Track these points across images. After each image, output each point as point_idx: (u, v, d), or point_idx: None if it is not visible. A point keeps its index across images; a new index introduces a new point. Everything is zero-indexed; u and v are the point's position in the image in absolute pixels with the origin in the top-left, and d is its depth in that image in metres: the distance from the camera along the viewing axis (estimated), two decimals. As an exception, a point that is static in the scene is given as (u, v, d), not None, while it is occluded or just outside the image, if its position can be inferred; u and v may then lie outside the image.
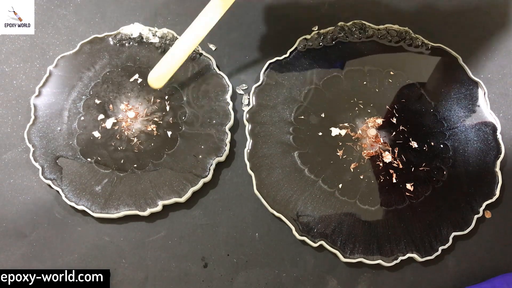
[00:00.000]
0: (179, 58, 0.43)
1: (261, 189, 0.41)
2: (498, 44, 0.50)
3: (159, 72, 0.43)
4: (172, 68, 0.43)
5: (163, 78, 0.43)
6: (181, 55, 0.43)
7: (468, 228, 0.40)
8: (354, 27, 0.49)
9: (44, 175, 0.42)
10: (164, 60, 0.43)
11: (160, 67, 0.43)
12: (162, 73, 0.43)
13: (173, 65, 0.43)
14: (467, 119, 0.44)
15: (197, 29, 0.43)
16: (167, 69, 0.43)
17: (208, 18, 0.43)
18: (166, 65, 0.43)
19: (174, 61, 0.43)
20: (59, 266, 0.39)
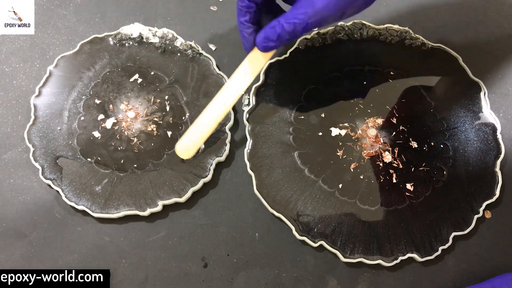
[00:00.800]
0: (206, 129, 0.41)
1: (261, 189, 0.41)
2: (498, 44, 0.50)
3: (186, 144, 0.41)
4: (199, 140, 0.42)
5: (190, 150, 0.41)
6: (209, 127, 0.41)
7: (468, 228, 0.40)
8: (354, 27, 0.49)
9: (44, 175, 0.42)
10: (192, 131, 0.41)
11: (188, 139, 0.41)
12: (189, 145, 0.41)
13: (201, 136, 0.41)
14: (467, 119, 0.44)
15: (226, 97, 0.41)
16: (194, 141, 0.41)
17: (237, 86, 0.41)
18: (193, 136, 0.41)
19: (201, 133, 0.41)
20: (59, 266, 0.39)
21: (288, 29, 0.36)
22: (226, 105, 0.41)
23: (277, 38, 0.36)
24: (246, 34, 0.39)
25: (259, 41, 0.38)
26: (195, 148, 0.42)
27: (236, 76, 0.41)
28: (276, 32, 0.36)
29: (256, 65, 0.41)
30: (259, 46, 0.38)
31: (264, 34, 0.37)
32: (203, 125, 0.41)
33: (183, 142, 0.41)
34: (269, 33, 0.37)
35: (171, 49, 0.48)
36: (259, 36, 0.38)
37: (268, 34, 0.37)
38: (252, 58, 0.41)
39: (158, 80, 0.47)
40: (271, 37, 0.37)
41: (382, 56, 0.48)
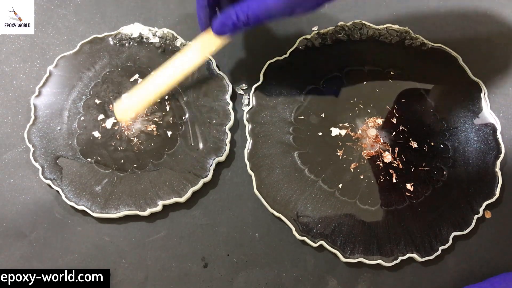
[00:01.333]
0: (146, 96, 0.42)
1: (261, 189, 0.41)
2: (498, 44, 0.50)
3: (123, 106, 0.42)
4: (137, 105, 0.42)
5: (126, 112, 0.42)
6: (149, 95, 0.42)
7: (468, 228, 0.40)
8: (354, 27, 0.49)
9: (44, 175, 0.42)
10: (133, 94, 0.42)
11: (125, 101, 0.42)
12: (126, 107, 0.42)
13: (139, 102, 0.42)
14: (467, 119, 0.44)
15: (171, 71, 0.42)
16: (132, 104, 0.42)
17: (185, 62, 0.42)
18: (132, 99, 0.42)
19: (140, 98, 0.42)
20: (59, 266, 0.39)
21: (242, 19, 0.37)
22: (170, 79, 0.42)
23: (232, 26, 0.38)
24: (202, 17, 0.41)
25: (216, 26, 0.39)
26: (131, 111, 0.42)
27: (187, 52, 0.42)
28: (231, 20, 0.38)
29: (209, 46, 0.41)
30: (214, 30, 0.40)
31: (221, 20, 0.39)
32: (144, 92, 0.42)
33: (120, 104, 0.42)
34: (225, 20, 0.38)
35: (171, 49, 0.48)
36: (216, 22, 0.39)
37: (224, 20, 0.38)
38: (206, 38, 0.41)
39: (158, 80, 0.47)
40: (226, 23, 0.38)
41: (382, 56, 0.48)
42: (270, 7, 0.36)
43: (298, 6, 0.37)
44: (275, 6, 0.36)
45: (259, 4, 0.37)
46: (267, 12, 0.37)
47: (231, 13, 0.38)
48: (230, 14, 0.38)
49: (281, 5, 0.36)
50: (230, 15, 0.38)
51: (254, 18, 0.37)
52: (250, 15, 0.37)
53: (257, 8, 0.37)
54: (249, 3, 0.37)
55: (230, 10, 0.38)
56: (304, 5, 0.37)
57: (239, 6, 0.37)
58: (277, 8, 0.36)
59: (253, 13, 0.37)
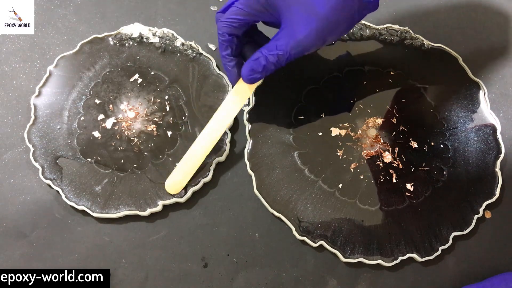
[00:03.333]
0: (195, 163, 0.41)
1: (261, 189, 0.41)
2: (498, 44, 0.50)
3: (176, 179, 0.41)
4: (189, 174, 0.41)
5: (180, 185, 0.41)
6: (198, 160, 0.41)
7: (468, 228, 0.40)
8: (354, 27, 0.49)
9: (44, 175, 0.42)
10: (181, 165, 0.41)
11: (177, 173, 0.41)
12: (178, 179, 0.41)
13: (190, 170, 0.41)
14: (467, 119, 0.44)
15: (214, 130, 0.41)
16: (183, 175, 0.41)
17: (224, 118, 0.41)
18: (182, 171, 0.41)
19: (190, 167, 0.41)
20: (59, 266, 0.39)
21: (272, 61, 0.36)
22: (214, 138, 0.41)
23: (263, 69, 0.37)
24: (230, 67, 0.39)
25: (245, 74, 0.38)
26: (184, 182, 0.41)
27: (223, 108, 0.41)
28: (261, 64, 0.37)
29: (242, 96, 0.41)
30: (245, 79, 0.38)
31: (250, 67, 0.37)
32: (192, 159, 0.41)
33: (173, 177, 0.41)
34: (254, 66, 0.37)
35: (171, 49, 0.48)
36: (245, 69, 0.38)
37: (253, 67, 0.37)
38: (238, 89, 0.41)
39: (158, 80, 0.47)
40: (256, 69, 0.37)
41: (382, 56, 0.48)
42: (301, 43, 0.34)
43: (329, 34, 0.35)
44: (305, 40, 0.34)
45: (289, 41, 0.35)
46: (298, 48, 0.35)
47: (259, 57, 0.36)
48: (259, 58, 0.36)
49: (312, 39, 0.34)
50: (259, 59, 0.36)
51: (285, 57, 0.35)
52: (281, 55, 0.35)
53: (286, 46, 0.35)
54: (278, 43, 0.35)
55: (258, 53, 0.36)
56: (335, 33, 0.35)
57: (267, 49, 0.36)
58: (308, 41, 0.34)
59: (283, 52, 0.35)
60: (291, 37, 0.35)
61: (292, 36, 0.35)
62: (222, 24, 0.37)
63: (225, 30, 0.37)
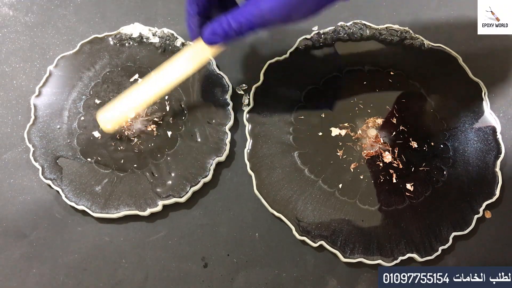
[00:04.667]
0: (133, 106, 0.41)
1: (261, 189, 0.41)
2: (498, 44, 0.50)
3: (108, 116, 0.40)
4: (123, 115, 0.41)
5: (111, 122, 0.40)
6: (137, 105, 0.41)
7: (468, 228, 0.40)
8: (354, 27, 0.49)
9: (44, 175, 0.42)
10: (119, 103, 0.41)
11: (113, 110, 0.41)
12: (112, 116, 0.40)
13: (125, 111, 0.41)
14: (467, 119, 0.44)
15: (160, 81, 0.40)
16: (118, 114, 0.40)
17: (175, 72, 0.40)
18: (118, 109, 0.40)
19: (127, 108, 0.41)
20: (59, 266, 0.39)
21: (234, 27, 0.35)
22: (158, 90, 0.40)
23: (223, 34, 0.36)
24: (192, 25, 0.39)
25: (205, 34, 0.37)
26: (116, 121, 0.41)
27: (174, 64, 0.40)
28: (222, 28, 0.36)
29: (199, 56, 0.40)
30: (204, 39, 0.38)
31: (211, 28, 0.37)
32: (131, 102, 0.40)
33: (106, 113, 0.41)
34: (215, 28, 0.36)
35: (171, 49, 0.48)
36: (206, 30, 0.37)
37: (214, 29, 0.37)
38: (196, 48, 0.40)
39: (158, 80, 0.47)
40: (217, 32, 0.36)
41: (382, 56, 0.48)
42: (264, 13, 0.34)
43: (295, 11, 0.34)
44: (270, 12, 0.34)
45: (253, 10, 0.34)
46: (261, 19, 0.34)
47: (222, 21, 0.36)
48: (221, 22, 0.36)
49: (276, 11, 0.34)
50: (221, 23, 0.36)
51: (247, 25, 0.35)
52: (243, 22, 0.35)
53: (250, 15, 0.34)
54: (242, 10, 0.35)
55: (222, 17, 0.36)
56: (301, 11, 0.35)
57: (231, 14, 0.35)
58: (273, 14, 0.34)
59: (246, 19, 0.35)
60: (256, 7, 0.34)
61: (257, 7, 0.34)
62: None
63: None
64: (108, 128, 0.41)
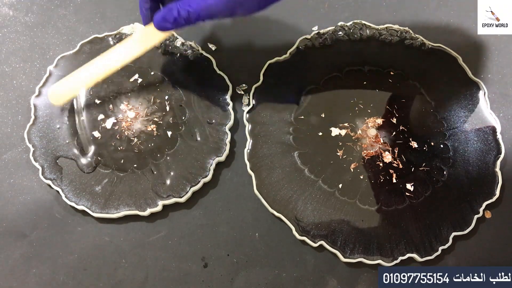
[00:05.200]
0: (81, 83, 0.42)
1: (261, 189, 0.41)
2: (498, 44, 0.50)
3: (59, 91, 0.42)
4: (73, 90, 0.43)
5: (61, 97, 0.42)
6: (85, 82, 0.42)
7: (468, 228, 0.40)
8: (354, 27, 0.49)
9: (44, 175, 0.42)
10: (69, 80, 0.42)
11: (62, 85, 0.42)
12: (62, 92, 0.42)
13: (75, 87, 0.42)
14: (467, 119, 0.44)
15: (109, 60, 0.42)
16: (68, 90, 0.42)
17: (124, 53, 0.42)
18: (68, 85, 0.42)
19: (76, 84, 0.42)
20: (59, 266, 0.39)
21: (183, 15, 0.37)
22: (108, 69, 0.42)
23: (173, 21, 0.38)
24: (144, 10, 0.41)
25: (157, 20, 0.39)
26: (65, 96, 0.42)
27: (125, 45, 0.42)
28: (172, 15, 0.38)
29: (149, 40, 0.41)
30: (155, 24, 0.39)
31: (162, 15, 0.39)
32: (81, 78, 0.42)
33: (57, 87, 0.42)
34: (166, 14, 0.38)
35: (171, 49, 0.48)
36: (158, 15, 0.39)
37: (165, 15, 0.38)
38: (147, 32, 0.41)
39: (158, 80, 0.47)
40: (167, 18, 0.38)
41: (382, 56, 0.48)
42: (210, 5, 0.36)
43: (238, 6, 0.37)
44: (215, 5, 0.36)
45: (199, 2, 0.37)
46: (207, 11, 0.37)
47: (173, 8, 0.38)
48: (172, 9, 0.38)
49: (221, 6, 0.36)
50: (172, 10, 0.38)
51: (195, 15, 0.37)
52: (191, 12, 0.37)
53: (197, 6, 0.37)
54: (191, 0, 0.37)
55: (172, 5, 0.38)
56: (245, 6, 0.37)
57: (181, 2, 0.37)
58: (217, 7, 0.36)
59: (193, 10, 0.37)
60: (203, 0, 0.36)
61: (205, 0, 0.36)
62: None
63: None
64: (58, 103, 0.43)
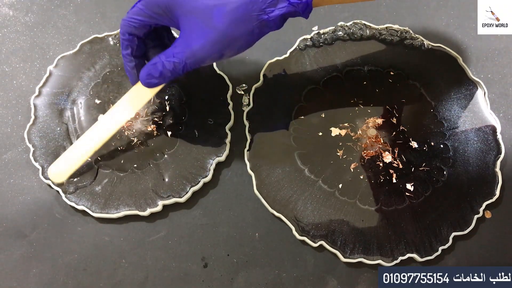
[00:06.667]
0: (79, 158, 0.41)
1: (261, 189, 0.41)
2: (498, 44, 0.50)
3: (59, 168, 0.41)
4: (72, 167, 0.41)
5: (62, 175, 0.41)
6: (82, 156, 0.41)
7: (468, 228, 0.40)
8: (354, 27, 0.49)
9: (44, 175, 0.42)
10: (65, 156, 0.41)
11: (61, 163, 0.41)
12: (61, 169, 0.41)
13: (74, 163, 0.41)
14: (467, 119, 0.44)
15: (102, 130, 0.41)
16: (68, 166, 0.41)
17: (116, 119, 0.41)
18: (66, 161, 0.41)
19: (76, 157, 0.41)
20: (59, 266, 0.39)
21: (168, 68, 0.36)
22: (103, 137, 0.41)
23: (159, 75, 0.37)
24: (129, 68, 0.39)
25: (142, 77, 0.38)
26: (67, 173, 0.41)
27: (116, 109, 0.41)
28: (157, 70, 0.36)
29: (140, 98, 0.40)
30: (142, 82, 0.38)
31: (147, 71, 0.37)
32: (78, 152, 0.41)
33: (56, 166, 0.41)
34: (151, 70, 0.37)
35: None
36: (142, 72, 0.38)
37: (150, 71, 0.37)
38: (136, 91, 0.40)
39: (158, 80, 0.47)
40: (153, 74, 0.37)
41: (382, 56, 0.48)
42: (196, 53, 0.34)
43: (227, 48, 0.35)
44: (201, 50, 0.34)
45: (184, 51, 0.35)
46: (194, 58, 0.35)
47: (157, 62, 0.36)
48: (156, 63, 0.36)
49: (207, 51, 0.34)
50: (156, 64, 0.36)
51: (181, 65, 0.35)
52: (177, 63, 0.35)
53: (182, 55, 0.35)
54: (174, 50, 0.35)
55: (156, 59, 0.36)
56: (233, 47, 0.35)
57: (164, 55, 0.36)
58: (204, 52, 0.34)
59: (179, 60, 0.35)
60: (187, 46, 0.35)
61: (188, 45, 0.35)
62: (123, 23, 0.37)
63: (125, 29, 0.37)
64: (61, 181, 0.41)
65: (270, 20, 0.35)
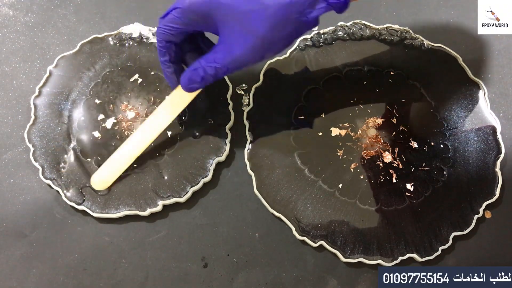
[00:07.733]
0: (124, 163, 0.41)
1: (261, 189, 0.41)
2: (498, 44, 0.50)
3: (103, 176, 0.41)
4: (116, 172, 0.41)
5: (107, 182, 0.41)
6: (127, 161, 0.41)
7: (468, 228, 0.40)
8: (354, 27, 0.49)
9: (44, 175, 0.42)
10: (109, 163, 0.41)
11: (105, 170, 0.41)
12: (105, 177, 0.41)
13: (118, 169, 0.41)
14: (467, 119, 0.44)
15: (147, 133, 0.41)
16: (111, 173, 0.41)
17: (159, 122, 0.41)
18: (110, 169, 0.41)
19: (119, 166, 0.41)
20: (59, 266, 0.39)
21: (210, 73, 0.36)
22: (146, 141, 0.41)
23: (201, 80, 0.37)
24: (168, 74, 0.39)
25: (184, 82, 0.38)
26: (110, 181, 0.41)
27: (159, 113, 0.41)
28: (199, 75, 0.37)
29: (180, 102, 0.41)
30: (184, 87, 0.39)
31: (188, 76, 0.38)
32: (122, 158, 0.41)
33: (100, 174, 0.41)
34: (192, 76, 0.37)
35: (171, 49, 0.48)
36: (184, 77, 0.38)
37: (191, 77, 0.37)
38: (176, 95, 0.40)
39: (158, 80, 0.47)
40: (194, 79, 0.37)
41: (382, 56, 0.48)
42: (237, 59, 0.35)
43: (267, 50, 0.35)
44: (243, 56, 0.35)
45: (225, 56, 0.35)
46: (235, 63, 0.35)
47: (198, 68, 0.36)
48: (197, 69, 0.37)
49: (248, 55, 0.35)
50: (197, 70, 0.37)
51: (223, 70, 0.36)
52: (219, 68, 0.36)
53: (224, 60, 0.35)
54: (216, 56, 0.35)
55: (197, 64, 0.37)
56: (273, 49, 0.35)
57: (205, 60, 0.36)
58: (246, 57, 0.35)
59: (221, 65, 0.35)
60: (228, 52, 0.35)
61: (229, 51, 0.35)
62: (159, 31, 0.37)
63: (162, 37, 0.37)
64: (104, 187, 0.41)
65: (309, 21, 0.35)
